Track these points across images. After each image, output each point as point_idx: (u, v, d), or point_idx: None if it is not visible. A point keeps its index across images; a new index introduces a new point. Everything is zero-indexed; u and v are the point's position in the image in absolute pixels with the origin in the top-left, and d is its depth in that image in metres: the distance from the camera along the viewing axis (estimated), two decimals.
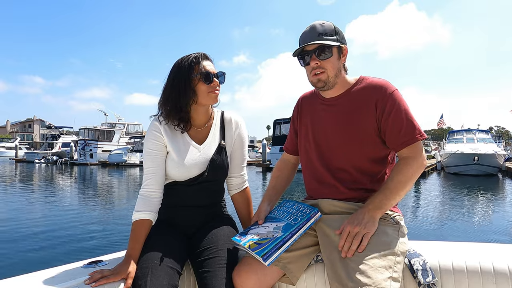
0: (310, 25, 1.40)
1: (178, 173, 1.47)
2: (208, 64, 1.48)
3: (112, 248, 5.69)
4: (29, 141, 67.48)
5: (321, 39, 1.36)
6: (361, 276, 1.11)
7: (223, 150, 1.56)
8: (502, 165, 21.62)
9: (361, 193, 1.40)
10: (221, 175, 1.56)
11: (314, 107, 1.55)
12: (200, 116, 1.54)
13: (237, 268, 1.33)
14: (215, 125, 1.59)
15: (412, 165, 1.32)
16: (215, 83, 1.47)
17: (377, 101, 1.37)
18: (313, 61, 1.38)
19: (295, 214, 1.38)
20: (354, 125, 1.39)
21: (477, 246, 1.40)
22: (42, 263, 4.97)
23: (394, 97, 1.36)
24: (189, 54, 1.48)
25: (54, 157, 37.29)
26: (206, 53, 1.51)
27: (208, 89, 1.46)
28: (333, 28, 1.39)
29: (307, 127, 1.55)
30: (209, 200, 1.56)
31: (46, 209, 9.89)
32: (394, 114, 1.35)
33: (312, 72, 1.41)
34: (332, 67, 1.39)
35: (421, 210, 9.76)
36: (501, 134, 65.15)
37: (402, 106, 1.35)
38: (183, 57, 1.48)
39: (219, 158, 1.53)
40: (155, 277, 1.21)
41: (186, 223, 1.51)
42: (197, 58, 1.46)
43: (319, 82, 1.41)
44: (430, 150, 35.77)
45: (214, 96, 1.48)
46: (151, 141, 1.47)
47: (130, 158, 31.12)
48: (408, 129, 1.34)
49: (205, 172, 1.48)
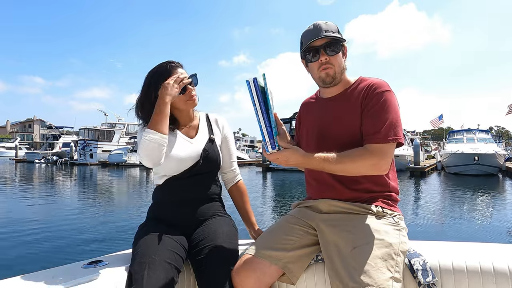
0: (313, 23, 1.40)
1: (173, 165, 1.50)
2: (181, 73, 1.51)
3: (112, 248, 5.69)
4: (29, 141, 67.50)
5: (329, 34, 1.36)
6: (363, 276, 1.11)
7: (214, 142, 1.62)
8: (502, 165, 21.62)
9: (361, 193, 1.40)
10: (214, 166, 1.60)
11: (314, 109, 1.56)
12: (183, 117, 1.60)
13: (236, 267, 1.33)
14: (202, 123, 1.66)
15: (365, 158, 1.28)
16: (189, 90, 1.52)
17: (364, 99, 1.37)
18: (322, 56, 1.38)
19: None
20: (350, 124, 1.39)
21: (477, 246, 1.40)
22: (42, 263, 4.97)
23: (380, 96, 1.34)
24: (158, 65, 1.51)
25: (54, 157, 37.32)
26: (174, 60, 1.53)
27: (185, 98, 1.52)
28: (336, 27, 1.41)
29: (307, 127, 1.56)
30: (206, 194, 1.57)
31: (45, 209, 9.89)
32: (372, 112, 1.33)
33: (320, 68, 1.40)
34: (338, 64, 1.40)
35: (421, 210, 9.76)
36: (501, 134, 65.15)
37: (384, 107, 1.32)
38: (152, 70, 1.51)
39: (211, 149, 1.59)
40: (153, 271, 1.22)
41: (185, 220, 1.52)
42: (168, 70, 1.49)
43: (328, 76, 1.41)
44: (430, 150, 35.81)
45: (191, 103, 1.55)
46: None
47: (130, 158, 31.15)
48: (376, 129, 1.30)
49: (200, 161, 1.53)
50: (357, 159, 1.28)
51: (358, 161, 1.28)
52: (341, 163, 1.27)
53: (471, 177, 19.05)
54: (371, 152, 1.29)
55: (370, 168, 1.29)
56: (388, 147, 1.30)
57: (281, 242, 1.36)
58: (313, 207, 1.47)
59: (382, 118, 1.31)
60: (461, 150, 20.36)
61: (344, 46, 1.42)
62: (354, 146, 1.32)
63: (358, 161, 1.28)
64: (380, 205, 1.38)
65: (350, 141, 1.35)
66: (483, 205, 10.79)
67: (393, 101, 1.34)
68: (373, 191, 1.40)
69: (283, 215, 1.56)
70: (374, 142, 1.30)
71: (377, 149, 1.29)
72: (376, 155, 1.29)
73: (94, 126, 37.79)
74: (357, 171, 1.31)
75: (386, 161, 1.30)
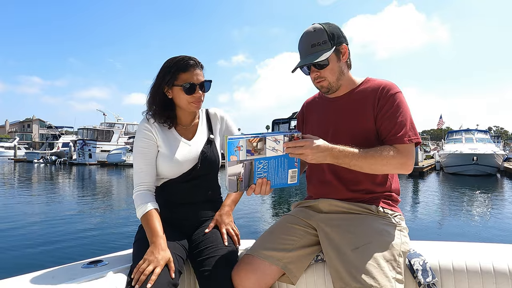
0: (304, 31, 1.40)
1: (171, 169, 1.48)
2: (196, 74, 1.45)
3: (112, 248, 5.68)
4: (28, 141, 67.42)
5: (314, 50, 1.35)
6: (366, 277, 1.11)
7: (213, 143, 1.58)
8: (500, 165, 21.69)
9: (362, 194, 1.40)
10: (213, 168, 1.57)
11: (318, 107, 1.56)
12: (185, 116, 1.56)
13: (236, 267, 1.33)
14: (201, 122, 1.62)
15: (395, 157, 1.29)
16: (198, 95, 1.46)
17: (378, 101, 1.37)
18: (312, 72, 1.41)
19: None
20: (356, 124, 1.39)
21: (477, 246, 1.40)
22: (42, 263, 4.96)
23: (394, 98, 1.36)
24: (179, 57, 1.46)
25: (53, 157, 37.23)
26: (196, 59, 1.47)
27: (190, 100, 1.46)
28: (326, 33, 1.36)
29: (312, 125, 1.56)
30: (205, 197, 1.56)
31: (45, 209, 9.87)
32: (390, 114, 1.35)
33: (315, 81, 1.43)
34: (331, 73, 1.40)
35: (421, 210, 9.77)
36: (500, 134, 65.28)
37: (400, 108, 1.35)
38: (172, 60, 1.46)
39: (209, 151, 1.55)
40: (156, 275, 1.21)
41: (185, 222, 1.51)
42: (186, 66, 1.44)
43: (322, 88, 1.44)
44: (429, 150, 35.83)
45: (194, 106, 1.48)
46: (142, 140, 1.48)
47: (129, 158, 31.05)
48: (398, 131, 1.33)
49: (198, 165, 1.50)
50: (387, 157, 1.29)
51: (388, 159, 1.29)
52: (370, 158, 1.27)
53: (470, 177, 19.07)
54: (401, 152, 1.31)
55: (399, 166, 1.31)
56: (412, 147, 1.34)
57: (281, 242, 1.36)
58: (314, 207, 1.47)
59: (402, 119, 1.34)
60: (459, 150, 20.39)
61: (339, 49, 1.39)
62: (368, 146, 1.33)
63: (389, 159, 1.29)
64: (381, 205, 1.38)
65: (365, 141, 1.36)
66: (483, 205, 10.80)
67: (406, 102, 1.39)
68: (374, 192, 1.40)
69: (283, 214, 1.55)
70: (400, 142, 1.32)
71: (405, 149, 1.32)
72: (405, 155, 1.31)
73: (93, 126, 37.73)
74: (385, 169, 1.32)
75: (413, 161, 1.34)
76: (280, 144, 1.21)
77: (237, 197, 1.63)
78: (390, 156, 1.28)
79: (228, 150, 1.17)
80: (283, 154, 1.23)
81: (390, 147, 1.32)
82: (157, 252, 1.26)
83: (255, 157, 1.20)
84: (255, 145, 1.19)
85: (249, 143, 1.18)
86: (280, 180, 1.28)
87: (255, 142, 1.19)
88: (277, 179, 1.27)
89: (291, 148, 1.20)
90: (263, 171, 1.24)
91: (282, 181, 1.28)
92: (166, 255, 1.27)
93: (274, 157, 1.23)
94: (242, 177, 1.22)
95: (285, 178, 1.28)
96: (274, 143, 1.21)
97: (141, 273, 1.20)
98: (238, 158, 1.18)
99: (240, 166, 1.20)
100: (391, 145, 1.33)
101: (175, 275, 1.26)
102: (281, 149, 1.22)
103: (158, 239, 1.30)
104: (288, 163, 1.26)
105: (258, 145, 1.20)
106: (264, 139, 1.20)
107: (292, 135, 1.22)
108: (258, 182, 1.25)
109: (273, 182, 1.27)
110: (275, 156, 1.23)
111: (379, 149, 1.30)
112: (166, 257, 1.26)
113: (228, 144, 1.16)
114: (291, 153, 1.21)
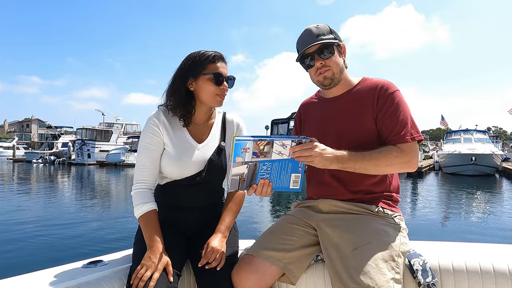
0: (305, 29, 1.43)
1: (174, 170, 1.44)
2: (223, 66, 1.44)
3: (112, 248, 5.68)
4: (27, 141, 67.19)
5: (320, 39, 1.37)
6: (364, 277, 1.12)
7: (223, 152, 1.52)
8: (499, 165, 21.73)
9: (362, 194, 1.40)
10: (219, 177, 1.53)
11: (317, 107, 1.56)
12: (201, 113, 1.51)
13: (236, 267, 1.33)
14: (216, 125, 1.56)
15: (400, 157, 1.30)
16: (224, 87, 1.44)
17: (377, 100, 1.38)
18: (317, 61, 1.40)
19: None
20: (357, 126, 1.40)
21: (477, 246, 1.40)
22: (42, 263, 4.95)
23: (393, 96, 1.37)
24: (206, 51, 1.44)
25: (52, 157, 37.16)
26: (218, 52, 1.45)
27: (216, 91, 1.43)
28: (328, 28, 1.42)
29: (310, 125, 1.56)
30: (208, 201, 1.54)
31: (44, 209, 9.86)
32: (390, 113, 1.35)
33: (317, 72, 1.42)
34: (336, 64, 1.41)
35: (420, 210, 9.78)
36: (498, 134, 65.30)
37: (400, 106, 1.36)
38: (199, 51, 1.44)
39: (218, 159, 1.49)
40: (154, 281, 1.20)
41: (186, 224, 1.50)
42: (214, 57, 1.42)
43: (326, 79, 1.42)
44: (428, 150, 35.82)
45: (219, 100, 1.45)
46: (149, 136, 1.43)
47: (128, 158, 31.04)
48: (400, 130, 1.33)
49: (203, 173, 1.45)
50: (391, 157, 1.30)
51: (392, 159, 1.30)
52: (375, 160, 1.28)
53: (469, 177, 19.12)
54: (404, 151, 1.32)
55: (404, 165, 1.32)
56: (415, 145, 1.35)
57: (281, 242, 1.36)
58: (314, 207, 1.47)
59: (403, 118, 1.35)
60: (458, 150, 20.45)
61: (340, 46, 1.44)
62: (370, 145, 1.34)
63: (393, 159, 1.30)
64: (381, 205, 1.38)
65: (366, 140, 1.37)
66: (482, 205, 10.82)
67: (404, 100, 1.40)
68: (374, 192, 1.41)
69: (283, 215, 1.55)
70: (403, 141, 1.33)
71: (409, 148, 1.33)
72: (409, 153, 1.32)
73: (92, 126, 37.67)
74: (390, 169, 1.33)
75: (417, 158, 1.35)
76: (286, 149, 1.21)
77: (232, 221, 1.48)
78: (394, 156, 1.29)
79: (235, 151, 1.16)
80: (288, 158, 1.23)
81: (393, 147, 1.32)
82: (155, 257, 1.25)
83: (260, 159, 1.21)
84: (262, 148, 1.19)
85: (256, 146, 1.18)
86: (282, 183, 1.28)
87: (262, 146, 1.19)
88: (279, 182, 1.27)
89: (298, 151, 1.20)
90: (266, 172, 1.24)
91: (284, 185, 1.28)
92: (164, 259, 1.26)
93: (278, 159, 1.23)
94: (245, 177, 1.23)
95: (287, 181, 1.28)
96: (281, 147, 1.21)
97: (139, 279, 1.19)
98: (243, 159, 1.18)
99: (245, 167, 1.20)
100: (394, 145, 1.33)
101: (173, 278, 1.25)
102: (287, 153, 1.22)
103: (155, 243, 1.29)
104: (292, 167, 1.26)
105: (265, 148, 1.19)
106: (271, 143, 1.19)
107: (300, 141, 1.22)
108: (260, 182, 1.25)
109: (274, 184, 1.27)
110: (279, 159, 1.23)
111: (382, 150, 1.31)
112: (164, 261, 1.26)
113: (235, 145, 1.16)
114: (298, 157, 1.21)
